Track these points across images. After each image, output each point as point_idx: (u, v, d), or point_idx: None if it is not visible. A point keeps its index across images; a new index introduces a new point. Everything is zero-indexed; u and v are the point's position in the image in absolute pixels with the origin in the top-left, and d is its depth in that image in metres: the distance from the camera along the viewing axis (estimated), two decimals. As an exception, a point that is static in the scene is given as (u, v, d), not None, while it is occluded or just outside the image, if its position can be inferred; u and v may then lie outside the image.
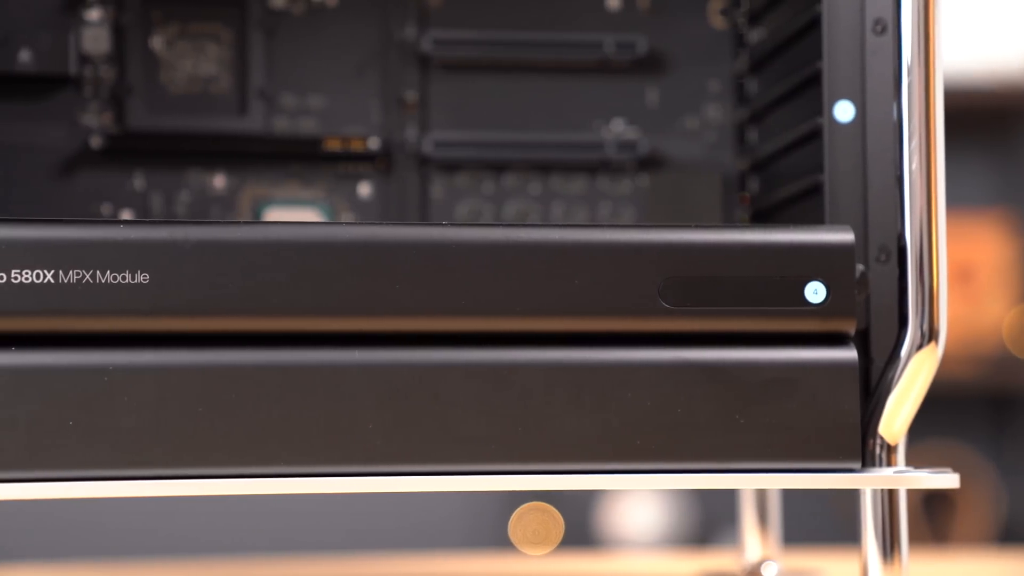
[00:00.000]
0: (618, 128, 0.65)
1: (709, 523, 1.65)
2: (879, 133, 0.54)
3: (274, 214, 0.64)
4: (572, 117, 0.65)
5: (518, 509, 1.55)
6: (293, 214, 0.64)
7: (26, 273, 0.47)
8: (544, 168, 0.65)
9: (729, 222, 0.65)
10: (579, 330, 0.50)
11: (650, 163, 0.66)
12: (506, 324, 0.49)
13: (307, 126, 0.64)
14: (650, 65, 0.65)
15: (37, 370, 0.47)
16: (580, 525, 1.60)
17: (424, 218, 0.64)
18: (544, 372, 0.49)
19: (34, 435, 0.47)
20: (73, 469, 0.47)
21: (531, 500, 1.54)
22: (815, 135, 0.56)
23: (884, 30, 0.54)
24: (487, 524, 1.56)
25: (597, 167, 0.65)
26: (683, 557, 1.09)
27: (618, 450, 0.49)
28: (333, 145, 0.64)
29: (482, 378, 0.49)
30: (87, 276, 0.47)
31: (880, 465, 0.52)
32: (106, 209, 0.63)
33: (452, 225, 0.49)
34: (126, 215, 0.63)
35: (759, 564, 0.69)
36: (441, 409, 0.49)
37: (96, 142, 0.62)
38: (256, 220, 0.63)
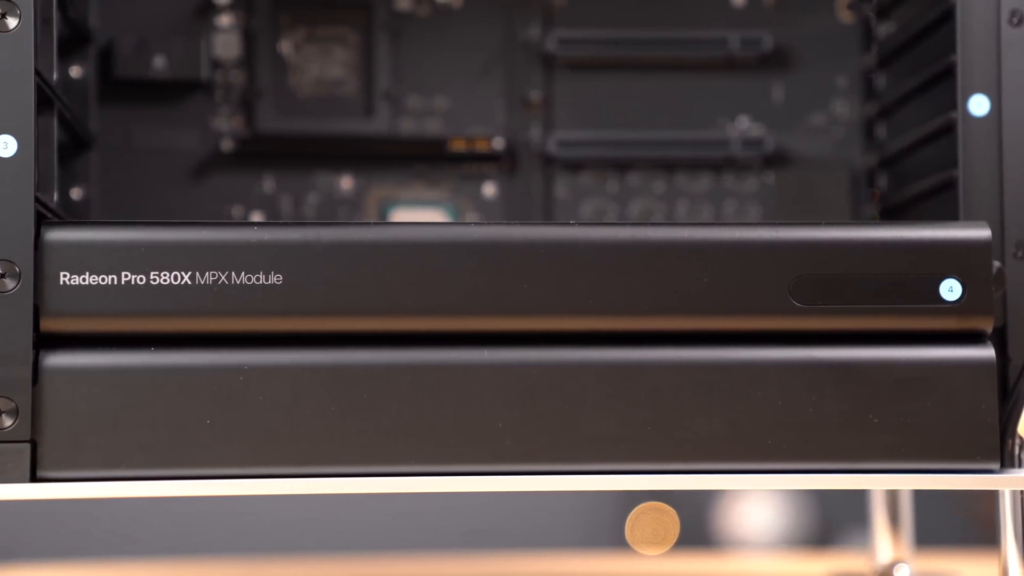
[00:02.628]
0: (743, 125, 0.65)
1: (829, 524, 1.63)
2: (1015, 127, 0.53)
3: (400, 215, 0.65)
4: (697, 115, 0.65)
5: (635, 509, 1.55)
6: (419, 215, 0.65)
7: (164, 275, 0.48)
8: (668, 166, 0.65)
9: (858, 219, 0.64)
10: (708, 329, 0.49)
11: (776, 160, 0.65)
12: (635, 323, 0.49)
13: (432, 127, 0.65)
14: (776, 61, 0.65)
15: (175, 370, 0.48)
16: (693, 525, 1.59)
17: (548, 218, 0.65)
18: (674, 371, 0.49)
19: (173, 434, 0.47)
20: (211, 467, 0.48)
21: (652, 500, 1.54)
22: (948, 130, 0.55)
23: (1021, 22, 0.53)
24: (600, 523, 1.56)
25: (722, 165, 0.65)
26: (810, 558, 1.08)
27: (749, 450, 0.49)
28: (458, 146, 0.64)
29: (611, 377, 0.49)
30: (222, 277, 0.48)
31: (1019, 466, 0.51)
32: (237, 211, 0.64)
33: (579, 224, 0.49)
34: (256, 217, 0.64)
35: (891, 566, 0.68)
36: (570, 408, 0.49)
37: (227, 145, 0.64)
38: (384, 221, 0.64)
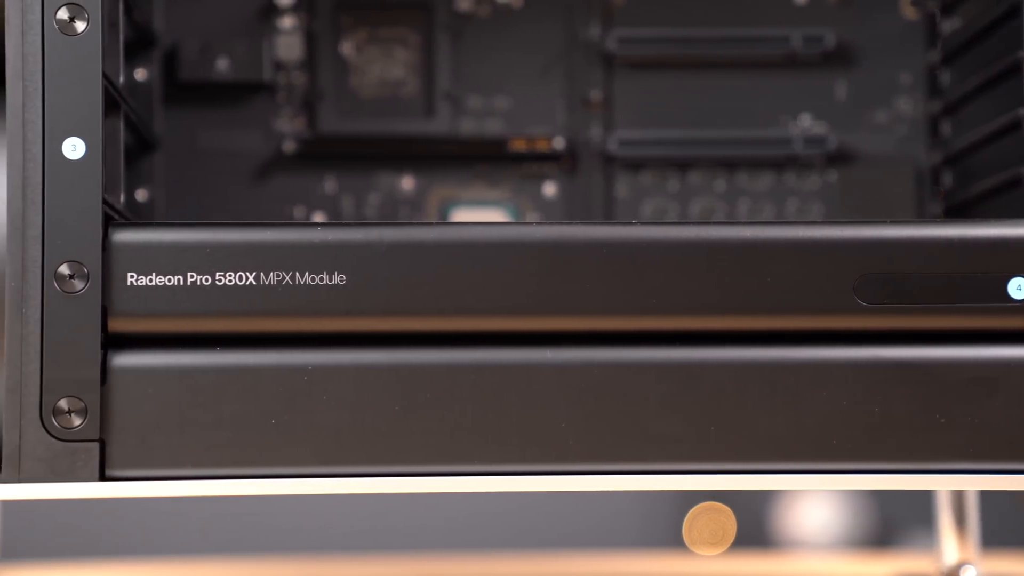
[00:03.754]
0: (805, 123, 0.64)
1: (890, 525, 1.61)
2: (1085, 123, 0.52)
3: (461, 215, 0.65)
4: (758, 113, 0.64)
5: (692, 509, 1.54)
6: (479, 215, 0.65)
7: (229, 275, 0.48)
8: (730, 165, 0.65)
9: (923, 217, 0.63)
10: (772, 329, 0.49)
11: (838, 158, 0.64)
12: (698, 323, 0.49)
13: (493, 127, 0.65)
14: (838, 58, 0.64)
15: (240, 370, 0.48)
16: (748, 525, 1.59)
17: (608, 217, 0.65)
18: (737, 371, 0.49)
19: (238, 433, 0.48)
20: (275, 466, 0.48)
21: (711, 500, 1.53)
22: (1014, 127, 0.54)
23: (1089, 17, 0.52)
24: (655, 522, 1.56)
25: (784, 163, 0.65)
26: (873, 559, 1.07)
27: (814, 449, 0.49)
28: (518, 146, 0.64)
29: (674, 377, 0.49)
30: (287, 278, 0.48)
31: (1089, 467, 0.50)
32: (299, 212, 0.64)
33: (641, 224, 0.49)
34: (318, 217, 0.64)
35: (958, 568, 0.67)
36: (633, 408, 0.49)
37: (289, 147, 0.64)
38: (445, 221, 0.64)
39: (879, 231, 0.49)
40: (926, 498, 0.77)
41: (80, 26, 0.47)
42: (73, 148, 0.47)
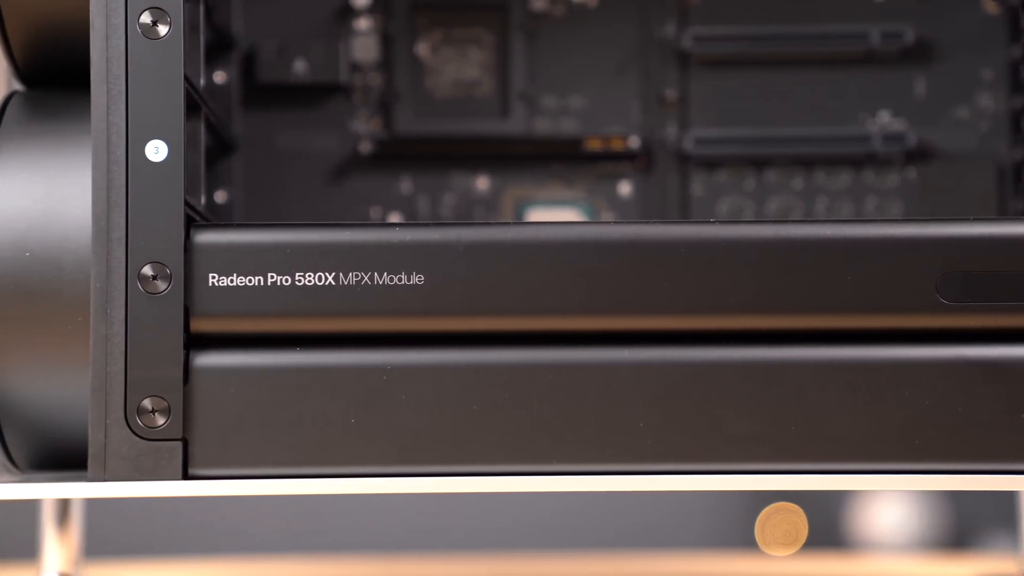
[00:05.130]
0: (884, 120, 0.64)
1: (965, 526, 1.59)
2: None
3: (536, 215, 0.65)
4: (836, 110, 0.64)
5: (765, 509, 1.53)
6: (555, 214, 0.65)
7: (308, 276, 0.48)
8: (807, 163, 0.64)
9: (1006, 215, 0.62)
10: (853, 327, 0.49)
11: (918, 155, 0.64)
12: (777, 322, 0.49)
13: (568, 127, 0.65)
14: (918, 54, 0.64)
15: (320, 370, 0.48)
16: (819, 525, 1.57)
17: (684, 216, 0.64)
18: (818, 370, 0.48)
19: (318, 432, 0.48)
20: (355, 465, 0.48)
21: (786, 500, 1.52)
22: (1100, 122, 0.53)
23: None
24: (722, 522, 1.55)
25: (862, 161, 0.64)
26: (953, 560, 1.06)
27: (896, 450, 0.48)
28: (593, 145, 0.64)
29: (754, 377, 0.48)
30: (365, 278, 0.49)
31: None
32: (375, 212, 0.64)
33: (718, 222, 0.49)
34: (394, 218, 0.64)
35: (1040, 569, 0.66)
36: (712, 408, 0.48)
37: (365, 148, 0.64)
38: (521, 221, 0.64)
39: (961, 229, 0.49)
40: (1007, 500, 0.76)
41: (162, 29, 0.48)
42: (156, 150, 0.48)
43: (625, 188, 0.65)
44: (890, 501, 1.59)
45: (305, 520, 1.41)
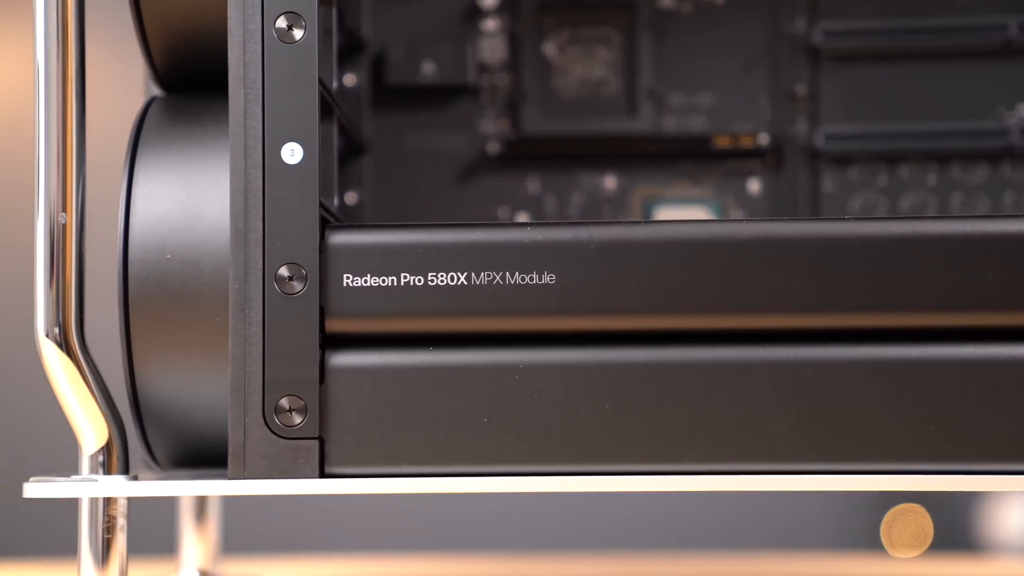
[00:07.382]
0: (1023, 113, 0.62)
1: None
2: None
3: (664, 213, 0.64)
4: (971, 104, 0.63)
5: (891, 511, 1.51)
6: (683, 213, 0.64)
7: (441, 276, 0.49)
8: (941, 158, 0.63)
9: None
10: (995, 325, 0.48)
11: (1058, 149, 0.62)
12: (915, 320, 0.48)
13: (696, 124, 0.64)
14: (1057, 46, 0.62)
15: (453, 369, 0.49)
16: (944, 527, 1.54)
17: (815, 213, 0.63)
18: (957, 369, 0.47)
19: (451, 431, 0.48)
20: (488, 464, 0.49)
21: (912, 501, 1.50)
22: None
23: None
24: (848, 523, 1.52)
25: (1000, 155, 0.63)
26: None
27: (1039, 451, 0.47)
28: (722, 142, 0.64)
29: (891, 375, 0.48)
30: (497, 278, 0.49)
31: None
32: (503, 212, 0.65)
33: (852, 219, 0.48)
34: (522, 218, 0.65)
35: None
36: (848, 407, 0.48)
37: (493, 148, 0.65)
38: (650, 220, 0.64)
39: (1108, 224, 0.47)
40: None
41: (298, 34, 0.48)
42: (291, 153, 0.48)
43: (754, 185, 0.64)
44: (1012, 502, 1.56)
45: (424, 520, 1.42)
